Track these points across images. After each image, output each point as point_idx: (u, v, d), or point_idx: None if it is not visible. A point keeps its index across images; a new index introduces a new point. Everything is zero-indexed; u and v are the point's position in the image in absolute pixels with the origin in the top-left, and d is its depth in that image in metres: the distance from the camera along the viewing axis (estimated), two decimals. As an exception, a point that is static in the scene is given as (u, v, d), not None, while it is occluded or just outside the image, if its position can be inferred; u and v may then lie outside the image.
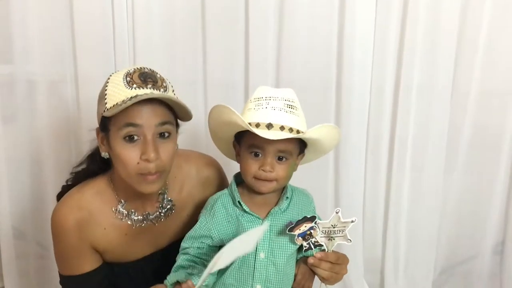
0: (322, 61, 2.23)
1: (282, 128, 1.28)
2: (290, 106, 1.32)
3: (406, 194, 2.37)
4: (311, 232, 1.30)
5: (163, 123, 1.27)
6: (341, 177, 2.34)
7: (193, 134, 2.07)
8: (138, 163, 1.25)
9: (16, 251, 2.39)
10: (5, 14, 2.15)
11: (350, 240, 1.31)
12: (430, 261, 2.45)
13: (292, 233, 1.30)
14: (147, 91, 1.23)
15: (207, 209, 1.41)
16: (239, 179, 1.43)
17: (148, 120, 1.24)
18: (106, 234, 1.42)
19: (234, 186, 1.41)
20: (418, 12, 2.16)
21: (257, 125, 1.28)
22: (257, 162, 1.33)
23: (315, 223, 1.30)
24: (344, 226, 1.29)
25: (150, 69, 1.31)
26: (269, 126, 1.28)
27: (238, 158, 1.43)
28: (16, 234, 2.38)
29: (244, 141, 1.36)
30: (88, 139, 1.49)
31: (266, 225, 1.21)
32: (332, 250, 1.33)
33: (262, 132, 1.25)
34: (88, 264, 1.42)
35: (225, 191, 1.44)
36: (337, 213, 1.28)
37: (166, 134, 1.29)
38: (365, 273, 2.49)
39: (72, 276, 1.42)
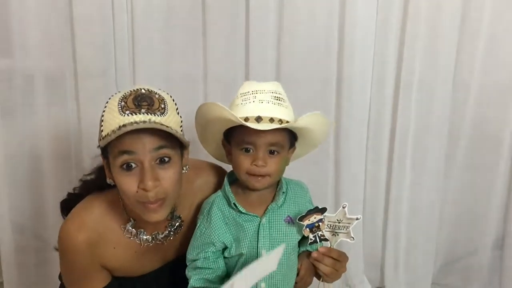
0: (322, 56, 2.22)
1: (271, 120, 1.26)
2: (278, 98, 1.31)
3: (406, 189, 2.37)
4: (319, 225, 1.30)
5: (160, 148, 1.20)
6: (342, 172, 2.33)
7: (192, 132, 2.07)
8: (137, 191, 1.20)
9: (15, 245, 2.38)
10: (4, 8, 2.14)
11: (353, 238, 1.31)
12: (430, 256, 2.46)
13: (301, 223, 1.30)
14: (139, 117, 1.17)
15: (204, 214, 1.39)
16: (232, 178, 1.42)
17: (142, 146, 1.18)
18: (116, 253, 1.39)
19: (227, 187, 1.39)
20: (419, 5, 2.15)
21: (246, 120, 1.26)
22: (249, 158, 1.31)
23: (324, 215, 1.30)
24: (349, 223, 1.29)
25: (148, 90, 1.24)
26: (258, 119, 1.26)
27: (229, 157, 1.41)
28: (15, 228, 2.37)
29: (234, 138, 1.34)
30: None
31: (282, 246, 1.20)
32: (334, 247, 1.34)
33: (252, 125, 1.24)
34: (97, 282, 1.39)
35: (219, 193, 1.42)
36: (343, 207, 1.28)
37: (166, 159, 1.22)
38: (365, 268, 2.49)
39: None
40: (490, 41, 2.22)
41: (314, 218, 1.29)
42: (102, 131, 1.21)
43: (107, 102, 1.24)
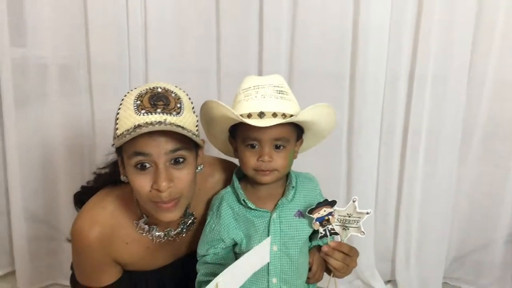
0: (336, 50, 2.20)
1: (274, 115, 1.25)
2: (280, 92, 1.29)
3: (419, 183, 2.36)
4: (329, 218, 1.30)
5: (175, 150, 1.19)
6: (354, 166, 2.32)
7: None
8: (150, 191, 1.20)
9: (27, 234, 2.40)
10: (18, -2, 2.15)
11: (364, 233, 1.29)
12: (441, 250, 2.44)
13: (311, 215, 1.29)
14: (155, 117, 1.16)
15: (213, 210, 1.39)
16: (240, 173, 1.41)
17: (157, 148, 1.17)
18: (128, 248, 1.39)
19: (236, 183, 1.38)
20: (434, 0, 2.12)
21: (249, 116, 1.25)
22: (254, 154, 1.29)
23: (333, 209, 1.29)
24: (359, 217, 1.28)
25: (164, 88, 1.23)
26: (261, 114, 1.25)
27: (236, 153, 1.39)
28: (27, 217, 2.39)
29: (239, 135, 1.33)
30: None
31: (269, 238, 1.19)
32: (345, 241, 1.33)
33: (254, 121, 1.22)
34: (108, 276, 1.40)
35: (228, 189, 1.41)
36: (354, 201, 1.27)
37: (181, 160, 1.21)
38: (376, 261, 2.49)
39: None
40: (505, 35, 2.19)
41: (324, 211, 1.29)
42: (117, 129, 1.21)
43: (122, 99, 1.23)
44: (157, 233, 1.40)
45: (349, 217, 1.29)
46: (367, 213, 1.28)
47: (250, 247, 1.31)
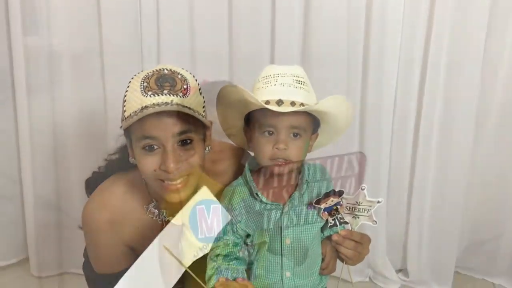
0: (349, 37, 2.19)
1: (293, 103, 1.23)
2: (300, 82, 1.27)
3: (431, 172, 2.35)
4: (337, 208, 1.29)
5: (182, 133, 1.21)
6: (367, 154, 2.27)
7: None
8: (154, 170, 1.21)
9: (40, 221, 2.43)
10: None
11: (376, 222, 1.28)
12: (454, 240, 2.43)
13: (319, 206, 1.28)
14: (162, 99, 1.17)
15: (225, 203, 1.36)
16: (253, 165, 1.38)
17: (165, 131, 1.18)
18: (139, 232, 1.40)
19: (249, 176, 1.36)
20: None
21: (267, 103, 1.23)
22: (270, 141, 1.26)
23: (341, 198, 1.28)
24: (370, 206, 1.27)
25: (171, 70, 1.24)
26: (279, 102, 1.22)
27: (250, 145, 1.38)
28: (40, 204, 2.42)
29: (255, 122, 1.31)
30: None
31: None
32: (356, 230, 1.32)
33: (273, 107, 1.21)
34: (122, 262, 1.38)
35: (240, 180, 1.39)
36: (362, 189, 1.26)
37: (188, 141, 1.23)
38: (388, 250, 2.48)
39: (108, 275, 1.40)
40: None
41: (331, 201, 1.28)
42: (124, 111, 1.22)
43: (129, 82, 1.24)
44: (167, 218, 1.40)
45: (359, 205, 1.28)
46: (378, 202, 1.26)
47: (262, 239, 1.32)
